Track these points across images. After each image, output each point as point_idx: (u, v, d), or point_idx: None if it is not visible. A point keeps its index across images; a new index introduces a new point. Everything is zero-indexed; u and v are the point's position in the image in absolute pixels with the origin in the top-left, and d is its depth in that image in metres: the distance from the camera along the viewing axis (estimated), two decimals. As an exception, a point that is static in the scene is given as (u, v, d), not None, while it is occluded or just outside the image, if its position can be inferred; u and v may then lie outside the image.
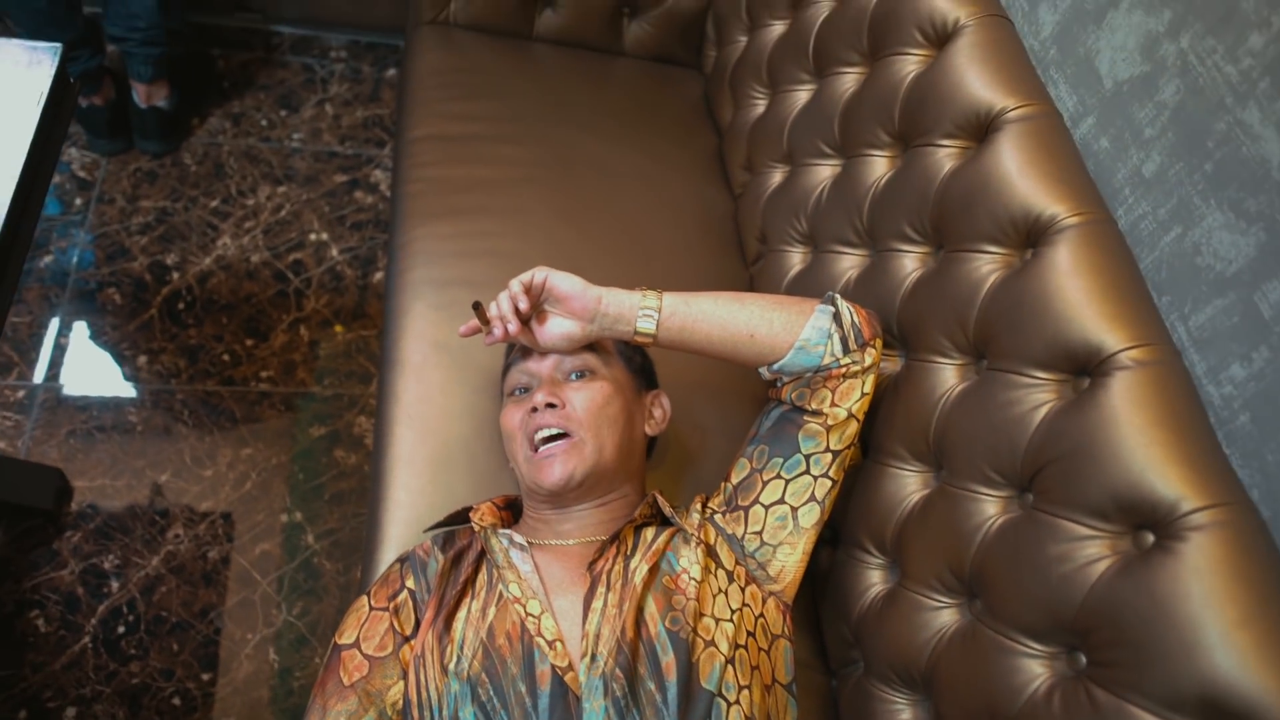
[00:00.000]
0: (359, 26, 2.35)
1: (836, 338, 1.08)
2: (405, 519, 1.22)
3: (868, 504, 1.17)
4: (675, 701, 0.91)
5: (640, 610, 0.97)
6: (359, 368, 1.91)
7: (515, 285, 1.09)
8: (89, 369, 1.82)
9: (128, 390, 1.81)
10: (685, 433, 1.35)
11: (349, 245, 2.06)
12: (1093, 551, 0.89)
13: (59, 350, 1.82)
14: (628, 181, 1.62)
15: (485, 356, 1.32)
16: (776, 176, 1.55)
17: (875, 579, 1.17)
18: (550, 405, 1.09)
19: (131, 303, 1.89)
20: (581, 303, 1.09)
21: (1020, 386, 1.00)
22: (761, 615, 1.07)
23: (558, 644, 0.94)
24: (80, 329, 1.86)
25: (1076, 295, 0.97)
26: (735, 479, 1.13)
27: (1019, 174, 1.05)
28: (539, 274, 1.09)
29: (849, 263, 1.32)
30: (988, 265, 1.07)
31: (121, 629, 1.56)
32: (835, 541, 1.24)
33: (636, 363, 1.23)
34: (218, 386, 1.82)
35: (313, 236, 2.06)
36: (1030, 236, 1.04)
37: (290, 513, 1.72)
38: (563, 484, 1.05)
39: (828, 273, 1.34)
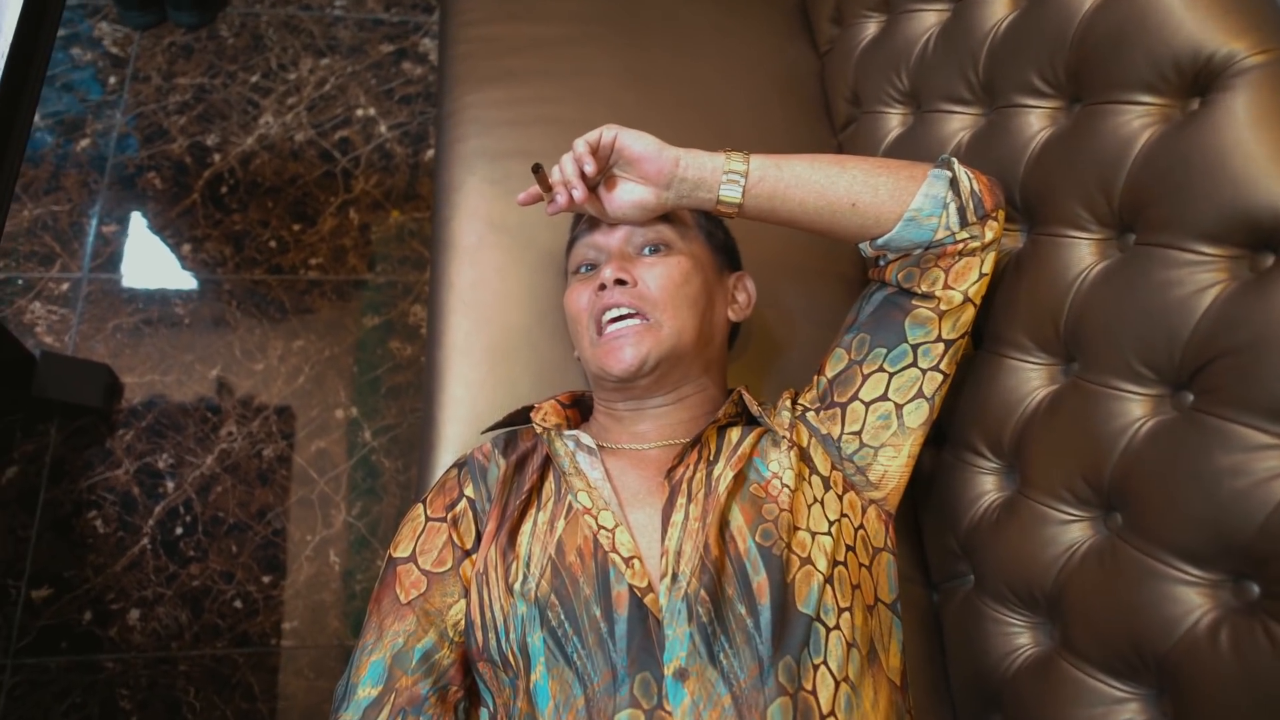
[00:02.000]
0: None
1: (953, 208, 0.92)
2: (463, 416, 1.11)
3: (982, 401, 1.03)
4: (769, 627, 0.80)
5: (725, 523, 0.86)
6: (413, 253, 1.79)
7: (580, 145, 0.94)
8: (133, 259, 1.73)
9: (173, 281, 1.72)
10: (769, 319, 1.22)
11: (398, 121, 1.92)
12: (1275, 464, 0.74)
13: (101, 240, 1.73)
14: (702, 38, 1.43)
15: (547, 234, 1.19)
16: (871, 28, 1.36)
17: (988, 485, 1.04)
18: (620, 282, 0.96)
19: (173, 187, 1.79)
20: (656, 165, 0.94)
21: (1181, 265, 0.83)
22: (861, 526, 0.95)
23: (635, 561, 0.84)
24: (121, 217, 1.76)
25: (1260, 151, 0.79)
26: (830, 372, 1.00)
27: (1184, 4, 0.85)
28: (607, 132, 0.95)
29: (959, 124, 1.15)
30: (1140, 119, 0.89)
31: (179, 530, 1.50)
32: (940, 441, 1.11)
33: (719, 239, 1.09)
34: (265, 275, 1.73)
35: (359, 112, 1.92)
36: (1198, 82, 0.85)
37: (346, 408, 1.64)
38: (634, 370, 0.93)
39: (933, 136, 1.17)
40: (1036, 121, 1.02)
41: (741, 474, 0.90)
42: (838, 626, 0.84)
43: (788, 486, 0.89)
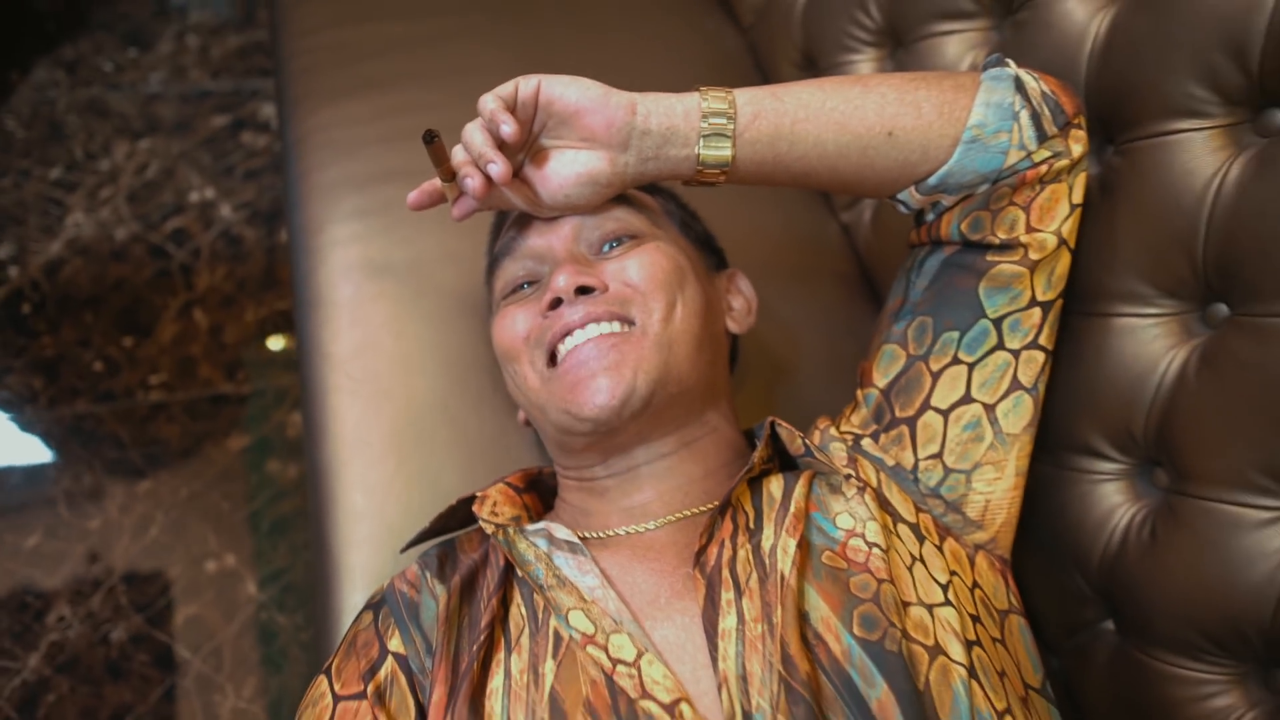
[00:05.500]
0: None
1: (1025, 116, 0.68)
2: (370, 536, 0.79)
3: (1088, 380, 0.76)
4: None
5: (804, 618, 0.58)
6: (282, 351, 1.45)
7: (490, 101, 0.65)
8: (-93, 413, 1.35)
9: (-35, 432, 1.34)
10: (763, 335, 0.94)
11: (244, 200, 1.64)
12: None
13: None
14: (605, 17, 1.18)
15: (450, 270, 0.91)
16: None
17: (1117, 496, 0.76)
18: (584, 290, 0.65)
19: (-45, 315, 1.43)
20: (604, 117, 0.66)
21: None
22: (977, 585, 0.70)
23: (682, 707, 0.55)
24: (-112, 361, 1.39)
25: None
26: (881, 379, 0.73)
27: None
28: (526, 83, 0.67)
29: (964, 44, 0.91)
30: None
31: (-3, 767, 1.10)
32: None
33: (698, 230, 0.81)
34: (92, 405, 1.39)
35: (194, 196, 1.64)
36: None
37: (219, 558, 1.30)
38: (618, 405, 0.65)
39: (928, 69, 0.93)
40: (1084, 7, 0.77)
41: (804, 541, 0.60)
42: None
43: (877, 545, 0.60)
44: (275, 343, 1.49)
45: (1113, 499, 0.76)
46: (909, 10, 0.96)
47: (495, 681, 0.60)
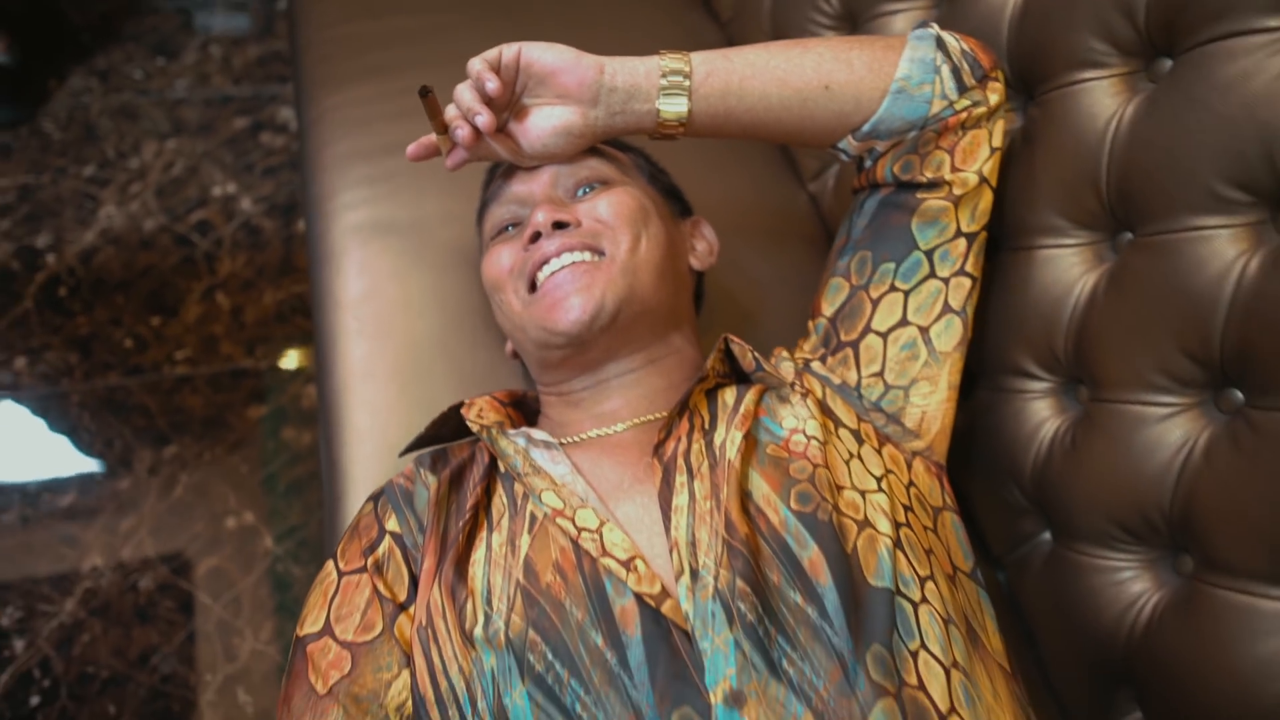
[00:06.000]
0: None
1: (946, 70, 0.76)
2: (373, 452, 0.87)
3: (1016, 311, 0.84)
4: (839, 612, 0.59)
5: (746, 495, 0.65)
6: (296, 330, 1.55)
7: (477, 64, 0.74)
8: (-47, 385, 1.44)
9: (5, 401, 1.43)
10: (733, 287, 1.02)
11: (263, 194, 1.72)
12: None
13: (-89, 370, 1.44)
14: (593, 17, 1.28)
15: (449, 229, 0.99)
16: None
17: (1046, 411, 0.84)
18: (560, 225, 0.74)
19: (-2, 297, 1.52)
20: (576, 76, 0.75)
21: (1248, 51, 0.67)
22: (912, 484, 0.75)
23: (637, 563, 0.62)
24: (-63, 341, 1.48)
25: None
26: (829, 309, 0.80)
27: None
28: (508, 49, 0.76)
29: (909, 21, 0.99)
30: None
31: (35, 699, 1.18)
32: (969, 384, 0.90)
33: (664, 182, 0.90)
34: (122, 379, 1.46)
35: (217, 191, 1.71)
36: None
37: (238, 515, 1.36)
38: (589, 318, 0.72)
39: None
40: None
41: (751, 436, 0.68)
42: (925, 599, 0.63)
43: (815, 438, 0.68)
44: (291, 324, 1.58)
45: (1041, 414, 0.83)
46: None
47: (478, 553, 0.68)
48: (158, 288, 1.58)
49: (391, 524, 0.73)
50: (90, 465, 1.39)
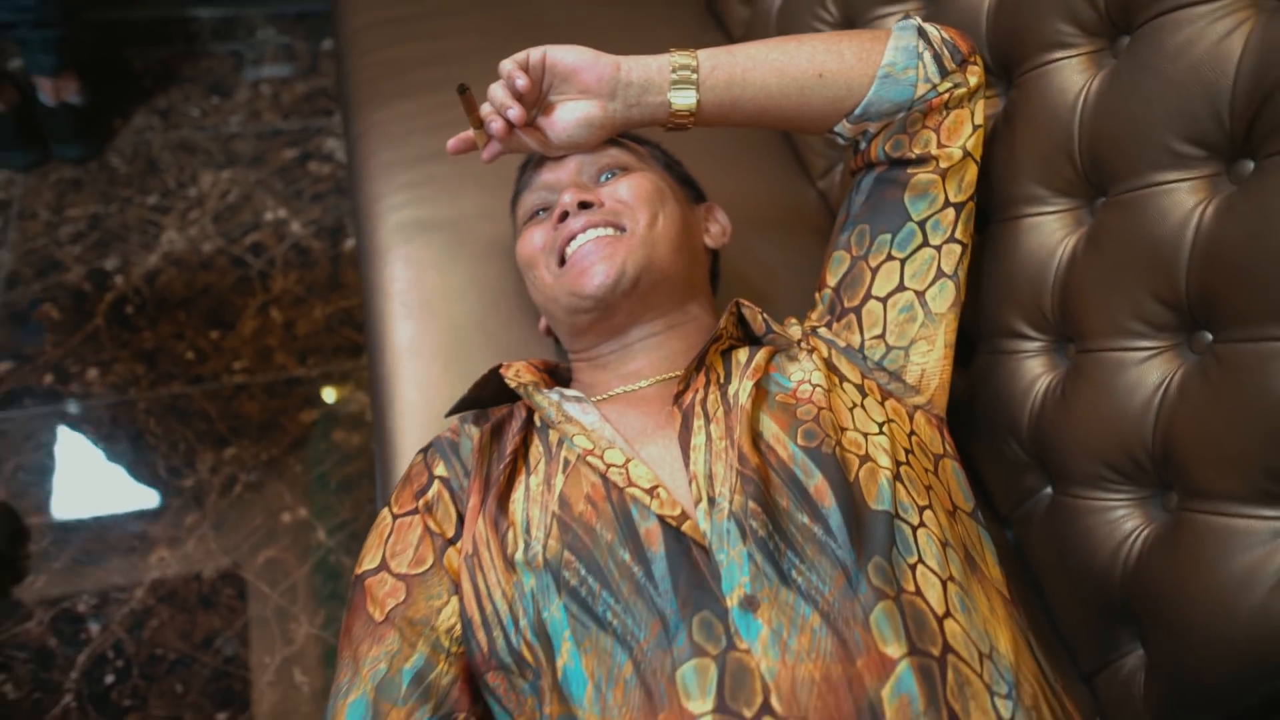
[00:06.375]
0: (282, -3, 2.14)
1: (928, 56, 0.83)
2: (421, 421, 0.95)
3: (1006, 277, 0.91)
4: (842, 529, 0.65)
5: (757, 435, 0.72)
6: (345, 341, 1.65)
7: (508, 64, 0.84)
8: (32, 393, 1.54)
9: (80, 409, 1.53)
10: (748, 274, 1.09)
11: (311, 218, 1.83)
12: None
13: (-6, 380, 1.56)
14: (614, 40, 1.36)
15: (485, 225, 1.08)
16: (783, -16, 1.31)
17: (1039, 367, 0.90)
18: (585, 205, 0.83)
19: (72, 315, 1.65)
20: (595, 73, 0.84)
21: (1197, 19, 0.73)
22: (914, 432, 0.81)
23: (660, 491, 0.69)
24: (16, 352, 1.60)
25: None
26: (833, 279, 0.88)
27: None
28: (535, 51, 0.84)
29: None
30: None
31: (110, 678, 1.26)
32: (968, 350, 0.97)
33: (679, 171, 0.99)
34: (185, 387, 1.56)
35: (269, 215, 1.83)
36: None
37: (294, 510, 1.45)
38: (611, 283, 0.80)
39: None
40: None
41: (761, 387, 0.76)
42: (923, 524, 0.69)
43: (820, 386, 0.75)
44: (340, 335, 1.67)
45: (1034, 371, 0.89)
46: (855, 3, 1.14)
47: (517, 493, 0.75)
48: (216, 305, 1.68)
49: (440, 470, 0.81)
50: (157, 466, 1.49)
